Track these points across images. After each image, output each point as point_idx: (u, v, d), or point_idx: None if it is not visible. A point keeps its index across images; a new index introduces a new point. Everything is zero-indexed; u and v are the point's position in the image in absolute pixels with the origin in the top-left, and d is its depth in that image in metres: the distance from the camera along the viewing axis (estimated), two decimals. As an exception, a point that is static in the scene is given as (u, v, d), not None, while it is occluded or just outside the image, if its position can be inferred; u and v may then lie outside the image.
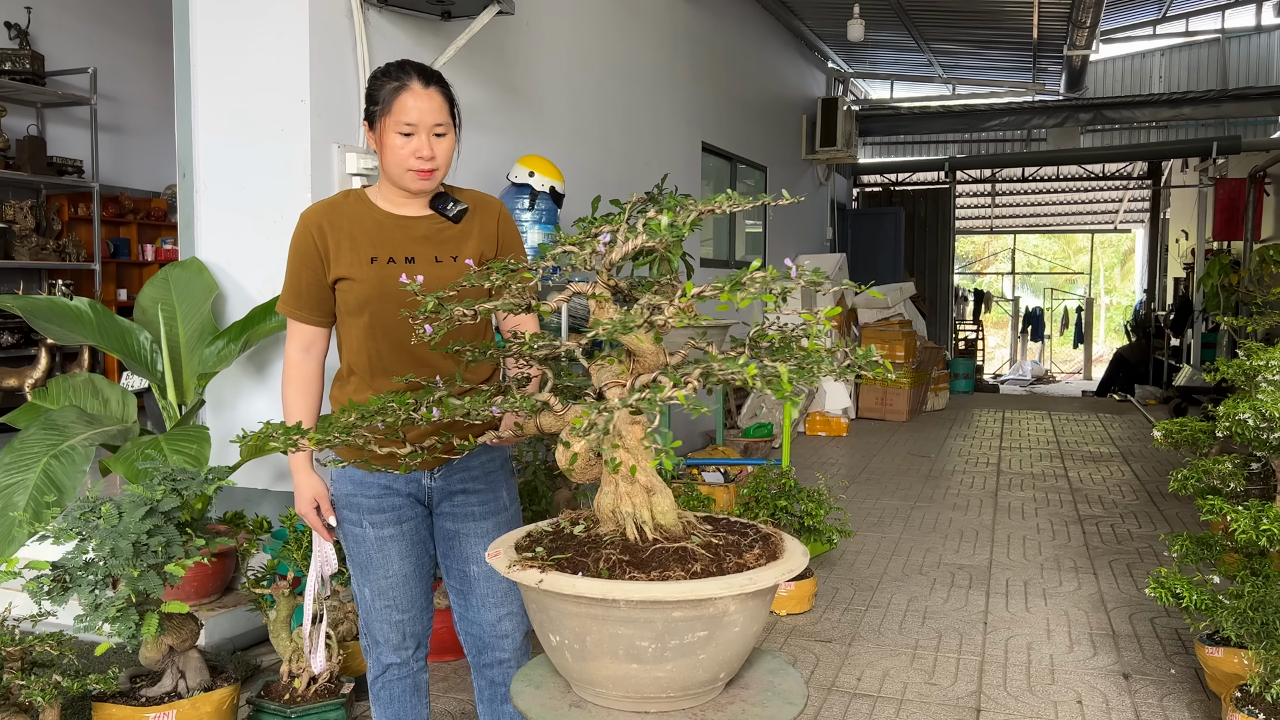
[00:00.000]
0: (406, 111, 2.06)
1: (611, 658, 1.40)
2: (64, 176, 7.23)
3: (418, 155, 2.07)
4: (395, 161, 2.09)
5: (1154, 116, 12.39)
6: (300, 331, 2.22)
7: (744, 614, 1.42)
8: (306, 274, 2.16)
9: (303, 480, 2.22)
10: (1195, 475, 3.43)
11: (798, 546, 1.55)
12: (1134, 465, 7.81)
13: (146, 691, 2.67)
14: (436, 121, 2.09)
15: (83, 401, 3.80)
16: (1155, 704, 3.31)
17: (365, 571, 2.25)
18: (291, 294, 2.19)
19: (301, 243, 2.16)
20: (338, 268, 2.13)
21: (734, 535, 1.59)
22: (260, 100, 4.09)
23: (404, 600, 2.27)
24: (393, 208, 2.17)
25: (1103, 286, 26.09)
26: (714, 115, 8.71)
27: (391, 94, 2.08)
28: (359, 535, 2.23)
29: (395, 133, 2.07)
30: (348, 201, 2.18)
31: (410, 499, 2.24)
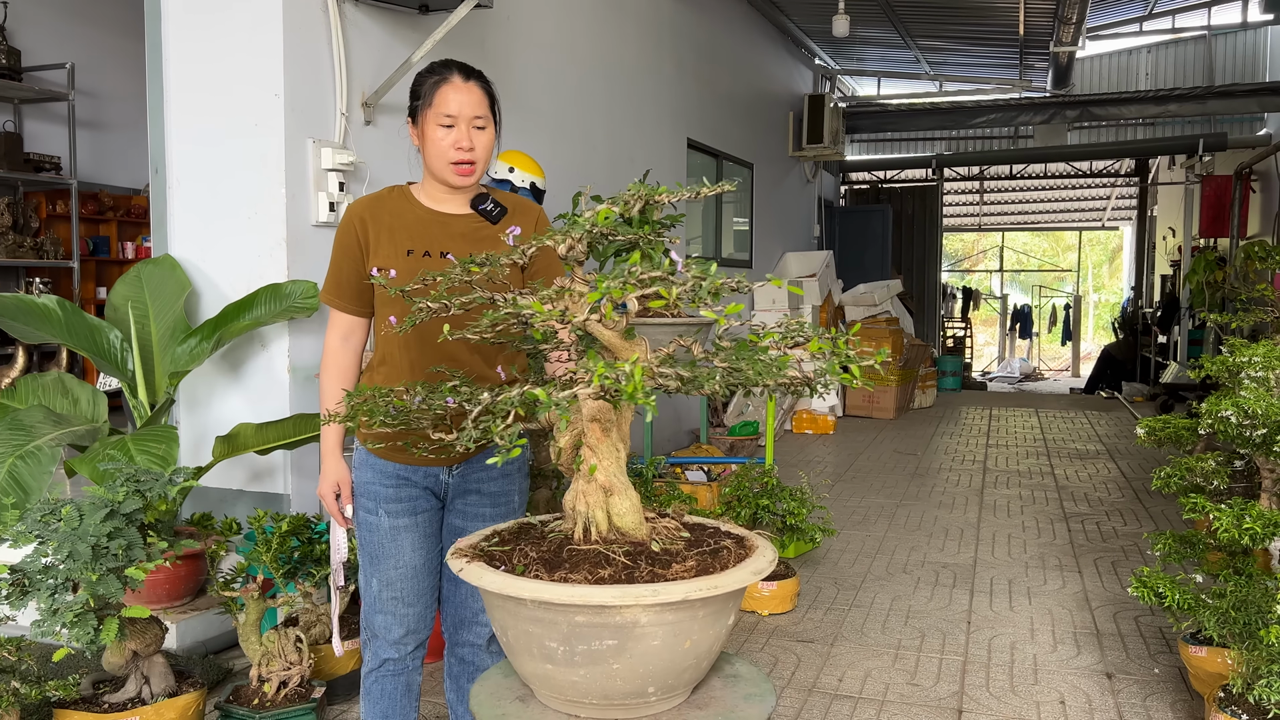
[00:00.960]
0: (447, 104, 2.13)
1: (528, 655, 1.42)
2: (41, 173, 7.16)
3: (457, 146, 2.14)
4: (436, 154, 2.16)
5: (1141, 113, 12.38)
6: (340, 321, 2.27)
7: (664, 628, 1.35)
8: (348, 264, 2.22)
9: (330, 465, 2.27)
10: (1178, 473, 3.40)
11: (759, 559, 1.47)
12: (1120, 462, 7.80)
13: (110, 698, 2.61)
14: (476, 114, 2.16)
15: (51, 401, 3.73)
16: (1139, 704, 3.28)
17: (375, 561, 2.26)
18: (333, 283, 2.25)
19: (345, 234, 2.22)
20: (375, 258, 2.19)
21: (708, 541, 1.53)
22: (233, 94, 4.03)
23: (410, 593, 2.27)
24: (434, 204, 2.24)
25: (1091, 284, 26.15)
26: (699, 111, 8.66)
27: (433, 87, 2.15)
28: (373, 523, 2.25)
29: (436, 125, 2.14)
30: (392, 196, 2.25)
31: (426, 492, 2.27)
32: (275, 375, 4.05)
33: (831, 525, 4.91)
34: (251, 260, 4.03)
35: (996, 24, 10.76)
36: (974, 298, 19.48)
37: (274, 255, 3.99)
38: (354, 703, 3.26)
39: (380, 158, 4.42)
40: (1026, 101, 12.82)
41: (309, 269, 4.03)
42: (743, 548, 1.53)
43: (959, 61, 13.08)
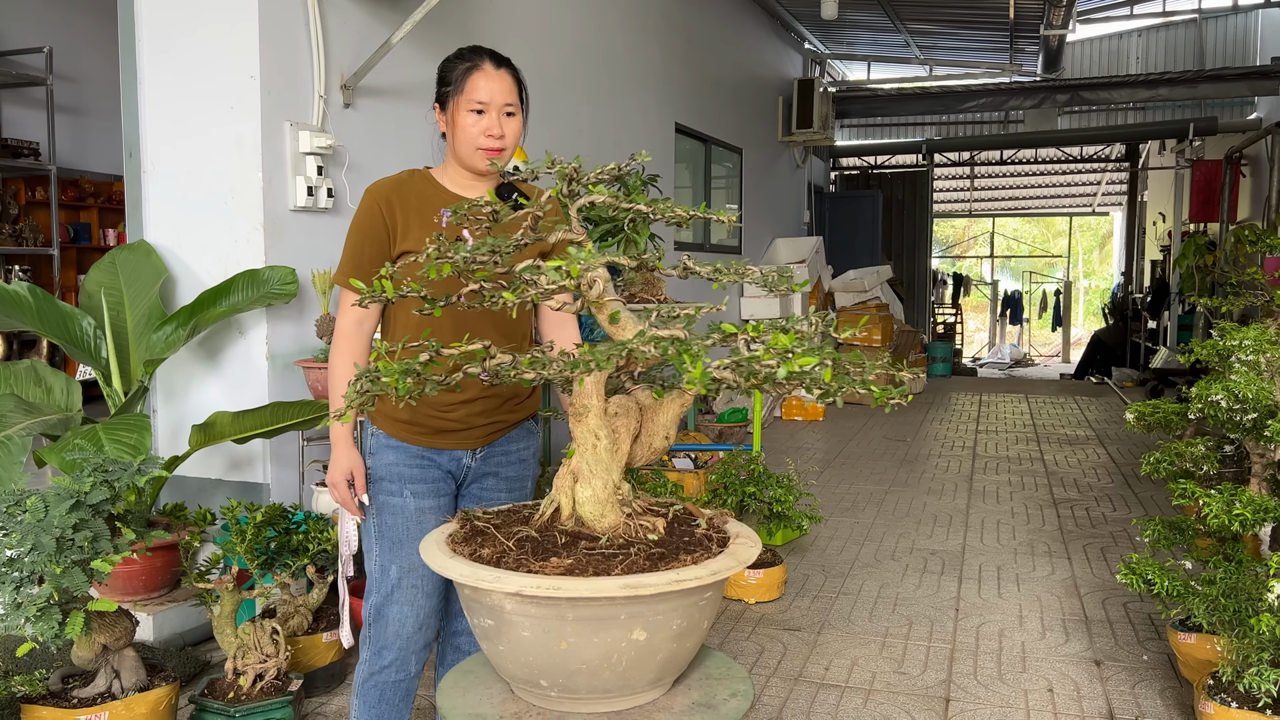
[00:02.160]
0: (478, 90, 2.13)
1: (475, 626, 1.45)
2: (20, 159, 7.05)
3: (488, 133, 2.13)
4: (466, 140, 2.14)
5: (1131, 97, 12.34)
6: (355, 306, 2.19)
7: (530, 620, 1.32)
8: (370, 246, 2.16)
9: (341, 453, 2.19)
10: (1168, 458, 3.36)
11: (690, 570, 1.35)
12: (1110, 448, 7.78)
13: (79, 692, 2.56)
14: (507, 101, 2.15)
15: (24, 390, 3.65)
16: (1127, 691, 3.25)
17: (398, 546, 2.19)
18: (353, 266, 2.17)
19: (368, 216, 2.16)
20: (405, 241, 2.15)
21: (680, 534, 1.47)
22: (209, 77, 3.94)
23: (430, 582, 2.22)
24: (459, 190, 2.21)
25: (1081, 269, 26.15)
26: (687, 96, 8.58)
27: (464, 74, 2.14)
28: (398, 506, 2.19)
29: (467, 111, 2.13)
30: (414, 179, 2.22)
31: (448, 475, 2.24)
32: (253, 363, 3.98)
33: (819, 512, 4.87)
34: (228, 246, 3.95)
35: (986, 7, 10.69)
36: (964, 284, 19.47)
37: (251, 241, 3.92)
38: (333, 695, 3.21)
39: (360, 141, 4.34)
40: (1017, 86, 12.76)
41: (287, 254, 3.96)
42: (709, 552, 1.44)
43: (949, 45, 13.02)
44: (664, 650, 1.37)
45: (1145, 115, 14.02)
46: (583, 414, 1.45)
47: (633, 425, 1.46)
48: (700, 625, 1.42)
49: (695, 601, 1.37)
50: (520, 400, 2.27)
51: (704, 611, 1.40)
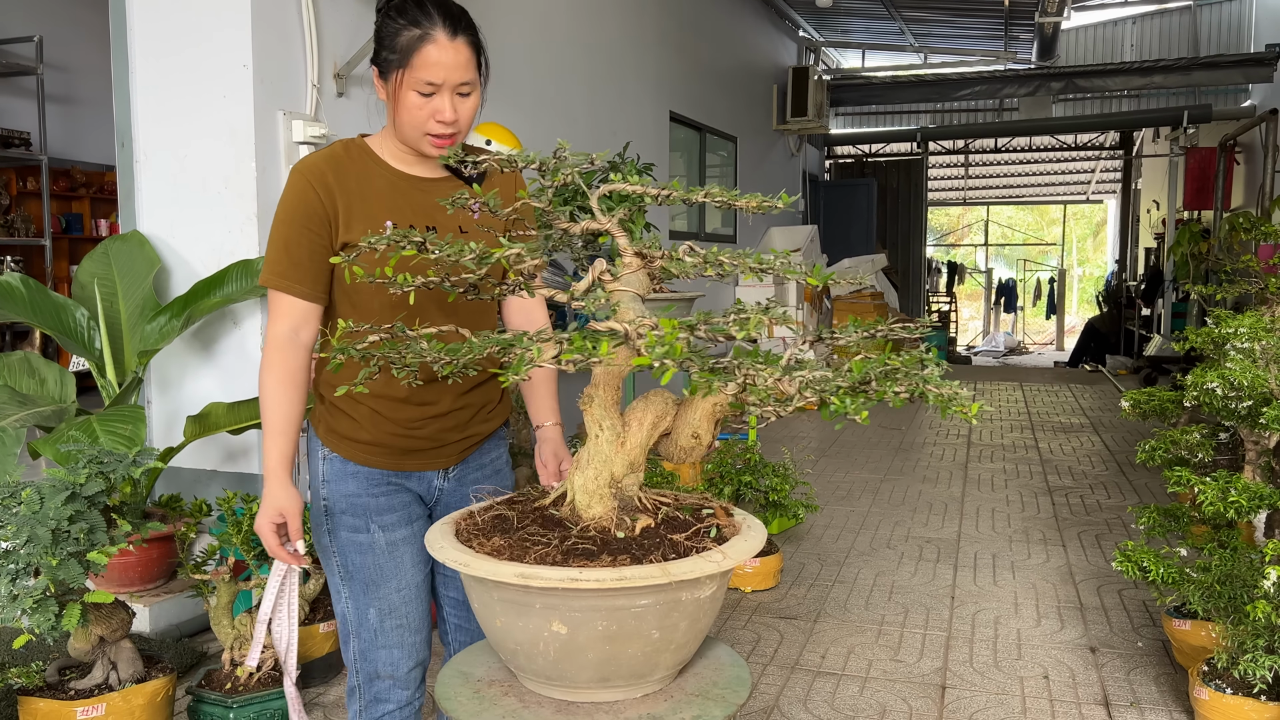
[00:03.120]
0: (429, 68, 1.73)
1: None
2: (10, 149, 7.01)
3: (438, 118, 1.76)
4: (410, 123, 1.77)
5: (1125, 85, 12.33)
6: (290, 309, 1.80)
7: (473, 595, 1.40)
8: (307, 238, 1.79)
9: (274, 490, 1.79)
10: (1163, 446, 3.37)
11: (648, 569, 1.31)
12: (1104, 435, 7.80)
13: (76, 684, 2.55)
14: (462, 80, 1.76)
15: (17, 382, 3.64)
16: (1122, 678, 3.26)
17: (371, 588, 1.91)
18: (282, 263, 1.79)
19: (301, 201, 1.79)
20: (349, 232, 1.80)
21: (674, 524, 1.47)
22: (201, 65, 3.92)
23: (416, 617, 1.95)
24: (403, 166, 1.86)
25: (1075, 257, 26.19)
26: (682, 84, 8.55)
27: (411, 44, 1.73)
28: (365, 544, 1.90)
29: (413, 90, 1.75)
30: (349, 155, 1.85)
31: (417, 499, 1.97)
32: (248, 353, 3.96)
33: (815, 501, 4.87)
34: (222, 236, 3.94)
35: (981, -5, 10.66)
36: (959, 272, 19.50)
37: (245, 231, 3.90)
38: (330, 685, 3.21)
39: (353, 130, 4.29)
40: (1011, 74, 12.75)
41: (281, 245, 3.94)
42: (700, 547, 1.42)
43: (944, 33, 12.99)
44: (594, 650, 1.32)
45: (1139, 103, 14.01)
46: (587, 403, 1.44)
47: (655, 419, 1.42)
48: (640, 630, 1.33)
49: (623, 605, 1.30)
50: (491, 408, 2.01)
51: (642, 618, 1.32)
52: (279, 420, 1.79)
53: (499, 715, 1.39)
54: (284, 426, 1.80)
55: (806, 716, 3.00)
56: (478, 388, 1.97)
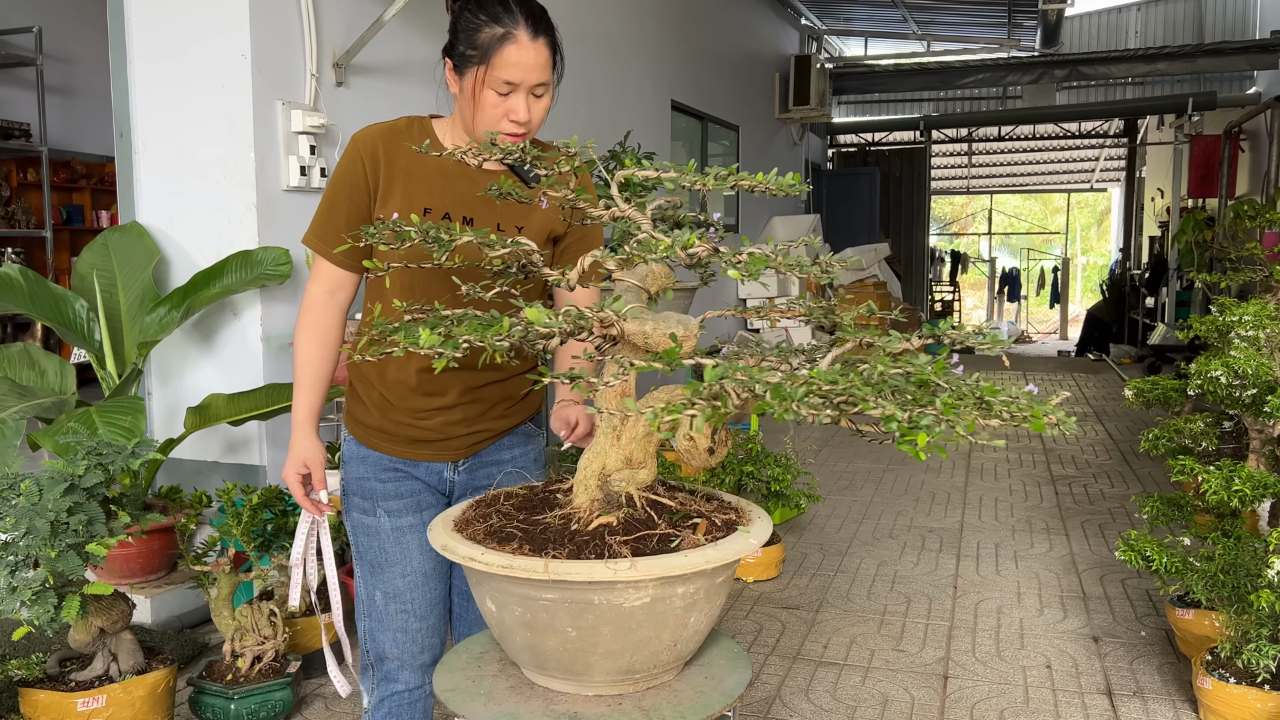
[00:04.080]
0: (509, 68, 1.72)
1: None
2: (10, 141, 7.00)
3: (511, 117, 1.76)
4: (484, 121, 1.77)
5: (1130, 72, 12.26)
6: (326, 272, 1.87)
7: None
8: (348, 207, 1.83)
9: (299, 440, 1.86)
10: (1167, 435, 3.35)
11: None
12: (1108, 424, 7.78)
13: (76, 676, 2.55)
14: (539, 80, 1.76)
15: (17, 373, 3.63)
16: (1125, 667, 3.25)
17: (377, 570, 1.93)
18: (324, 226, 1.85)
19: (349, 170, 1.83)
20: (383, 208, 1.82)
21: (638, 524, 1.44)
22: (199, 55, 3.90)
23: (422, 604, 1.95)
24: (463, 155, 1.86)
25: (1079, 246, 26.12)
26: (684, 73, 8.51)
27: (494, 43, 1.72)
28: (372, 526, 1.92)
29: (491, 89, 1.74)
30: (410, 131, 1.86)
31: (428, 488, 1.95)
32: (248, 344, 3.96)
33: (817, 491, 4.86)
34: (221, 226, 3.92)
35: (985, -18, 10.60)
36: (962, 261, 19.45)
37: (244, 221, 3.88)
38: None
39: (353, 120, 4.30)
40: (1015, 61, 12.68)
41: (281, 235, 3.93)
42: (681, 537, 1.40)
43: (947, 20, 12.92)
44: (520, 634, 1.35)
45: (1144, 90, 13.94)
46: (589, 391, 1.43)
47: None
48: (553, 625, 1.31)
49: (530, 595, 1.29)
50: (511, 404, 1.96)
51: (553, 612, 1.30)
52: (308, 375, 1.87)
53: (481, 699, 1.40)
54: (312, 381, 1.88)
55: (809, 706, 3.00)
56: (494, 384, 1.92)
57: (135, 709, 2.53)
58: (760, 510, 1.52)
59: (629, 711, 1.36)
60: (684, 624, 1.36)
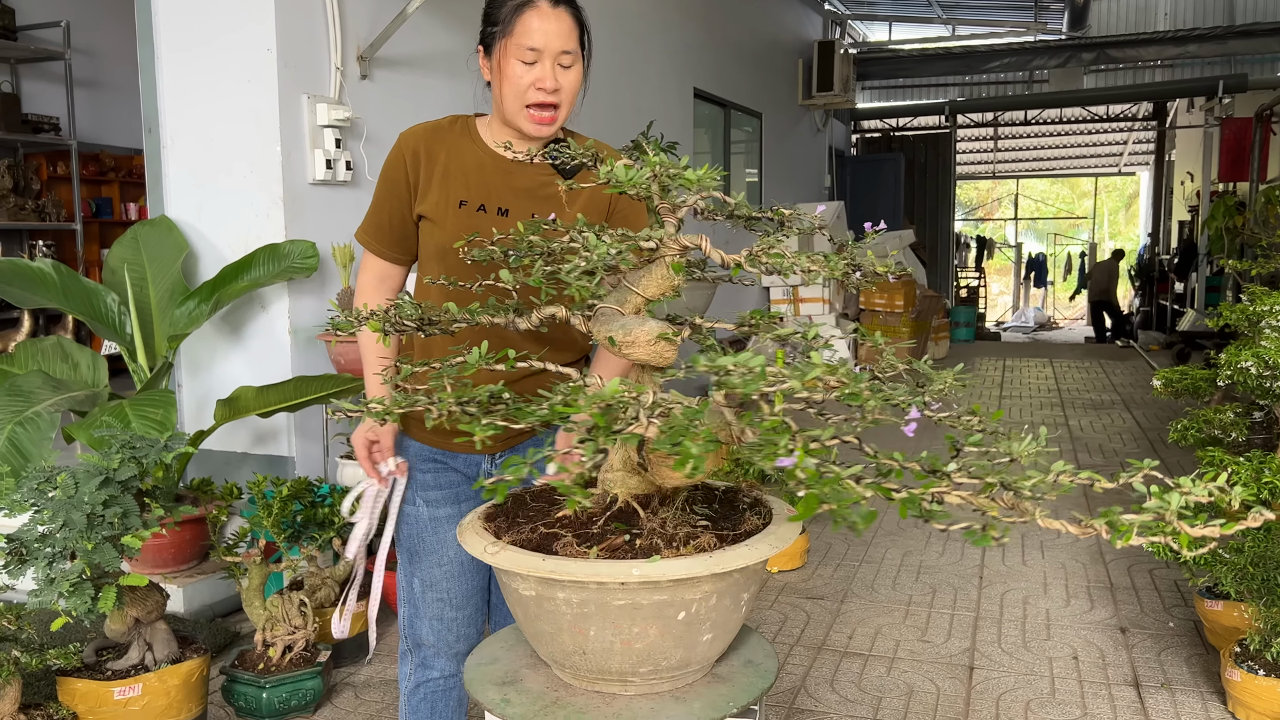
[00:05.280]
0: (530, 34, 1.76)
1: None
2: (40, 135, 7.07)
3: (538, 85, 1.78)
4: (513, 93, 1.79)
5: (1159, 55, 12.09)
6: (373, 263, 1.97)
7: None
8: (392, 204, 1.91)
9: None
10: (1196, 425, 3.33)
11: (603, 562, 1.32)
12: (1135, 413, 7.71)
13: (112, 665, 2.60)
14: (564, 48, 1.79)
15: (51, 366, 3.69)
16: (1153, 658, 3.24)
17: (415, 558, 1.98)
18: (372, 223, 1.95)
19: (392, 169, 1.90)
20: (422, 203, 1.88)
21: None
22: (225, 50, 3.93)
23: (459, 594, 1.98)
24: (501, 149, 1.88)
25: (1107, 231, 25.83)
26: (706, 60, 8.48)
27: (513, 12, 1.77)
28: (411, 515, 1.97)
29: (515, 59, 1.77)
30: (453, 130, 1.91)
31: (468, 479, 1.98)
32: (276, 337, 4.00)
33: (842, 480, 4.86)
34: (249, 220, 3.96)
35: (1011, -36, 10.48)
36: (988, 247, 19.27)
37: (271, 215, 3.92)
38: (360, 665, 3.25)
39: (377, 113, 4.33)
40: (1042, 45, 12.53)
41: (307, 228, 3.96)
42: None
43: (972, 4, 12.79)
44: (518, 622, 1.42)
45: (1173, 73, 13.74)
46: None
47: None
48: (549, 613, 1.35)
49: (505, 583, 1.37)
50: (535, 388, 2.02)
51: (527, 601, 1.35)
52: (372, 357, 1.96)
53: (499, 686, 1.42)
54: (373, 361, 1.95)
55: (834, 697, 3.01)
56: (527, 378, 1.89)
57: (170, 697, 2.58)
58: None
59: (665, 704, 1.38)
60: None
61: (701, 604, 1.34)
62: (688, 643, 1.37)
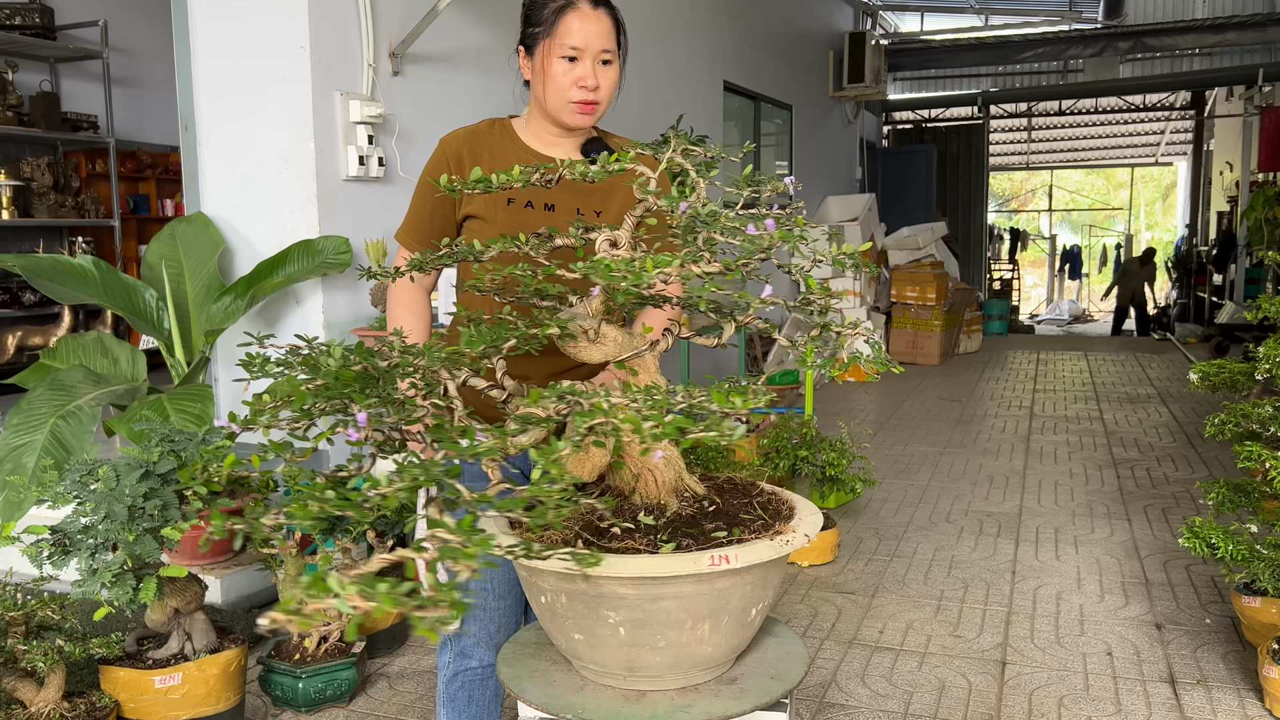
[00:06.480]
0: (571, 34, 1.85)
1: None
2: (79, 132, 7.18)
3: (580, 84, 1.86)
4: (556, 91, 1.87)
5: (1197, 43, 11.89)
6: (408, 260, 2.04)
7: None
8: (430, 205, 1.96)
9: None
10: (1234, 419, 3.28)
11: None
12: (1172, 406, 7.62)
13: (153, 654, 2.65)
14: (604, 48, 1.87)
15: (91, 361, 3.76)
16: (1189, 655, 3.21)
17: None
18: (413, 224, 1.99)
19: (433, 171, 1.95)
20: (469, 204, 1.94)
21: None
22: (260, 48, 3.98)
23: (501, 583, 1.99)
24: (541, 146, 1.97)
25: (1143, 222, 25.47)
26: (736, 52, 8.46)
27: (555, 14, 1.86)
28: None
29: (558, 58, 1.86)
30: (492, 132, 1.98)
31: (508, 463, 1.98)
32: (310, 331, 4.04)
33: (872, 475, 4.85)
34: (283, 216, 4.01)
35: (1045, -47, 10.35)
36: (1021, 239, 19.06)
37: (305, 211, 3.96)
38: (395, 655, 3.29)
39: (409, 109, 4.36)
40: (1076, 34, 12.37)
41: (340, 224, 4.01)
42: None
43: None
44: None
45: (1212, 61, 13.51)
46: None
47: None
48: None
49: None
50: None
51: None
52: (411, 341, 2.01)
53: (532, 680, 1.42)
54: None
55: (865, 691, 3.01)
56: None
57: (209, 686, 2.62)
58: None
59: (704, 697, 1.39)
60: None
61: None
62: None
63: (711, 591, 1.33)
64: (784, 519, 1.44)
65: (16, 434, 3.09)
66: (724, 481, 1.61)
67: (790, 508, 1.50)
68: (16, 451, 3.05)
